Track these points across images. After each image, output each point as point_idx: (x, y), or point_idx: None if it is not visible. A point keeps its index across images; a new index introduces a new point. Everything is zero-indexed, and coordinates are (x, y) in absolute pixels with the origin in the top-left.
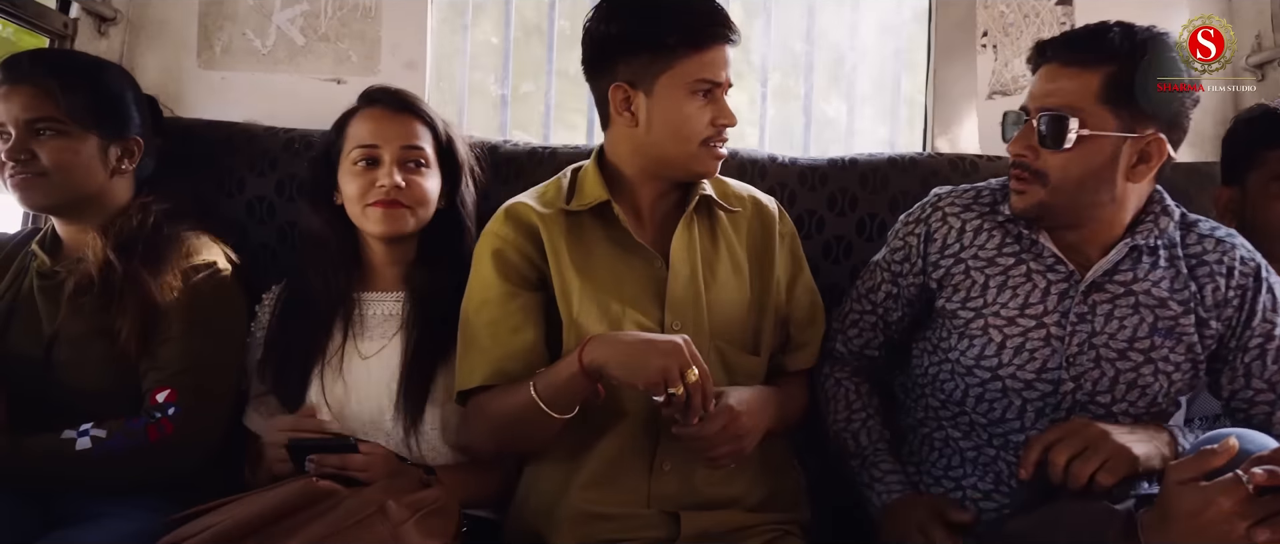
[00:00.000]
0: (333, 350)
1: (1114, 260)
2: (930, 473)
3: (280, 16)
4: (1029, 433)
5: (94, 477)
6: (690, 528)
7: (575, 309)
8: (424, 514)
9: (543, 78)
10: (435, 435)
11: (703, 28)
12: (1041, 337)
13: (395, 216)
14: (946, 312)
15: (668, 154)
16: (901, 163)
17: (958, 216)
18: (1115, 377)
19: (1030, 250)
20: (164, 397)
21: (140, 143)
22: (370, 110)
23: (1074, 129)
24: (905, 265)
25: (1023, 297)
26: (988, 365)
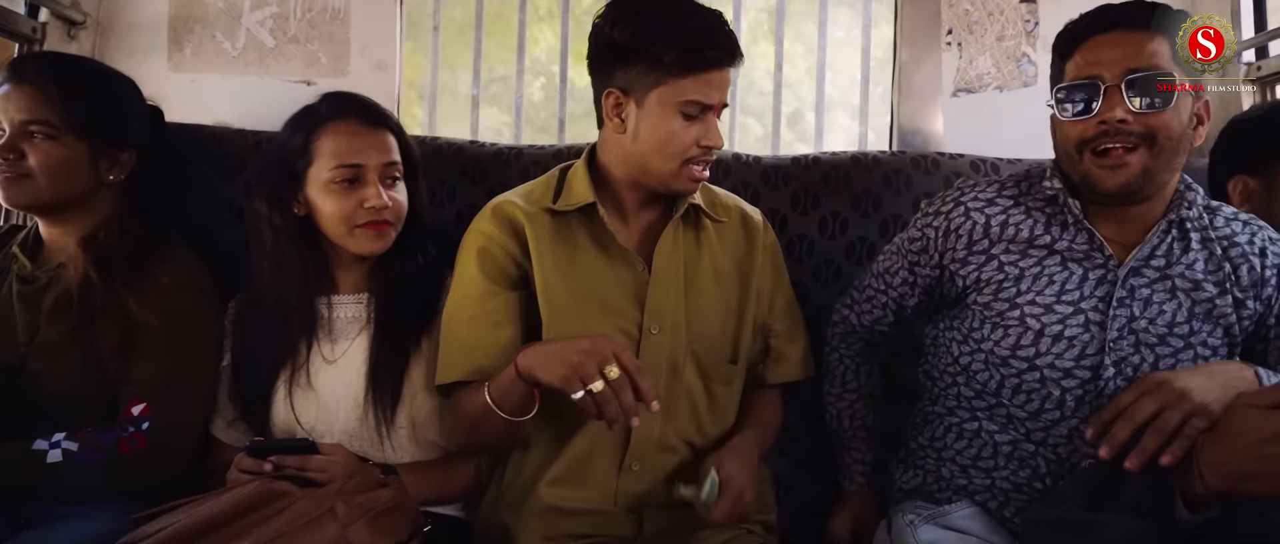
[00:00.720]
0: (299, 363)
1: (1153, 243)
2: (957, 462)
3: (250, 19)
4: (1069, 424)
5: (64, 488)
6: (652, 526)
7: (555, 309)
8: (376, 514)
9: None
10: (405, 434)
11: (701, 51)
12: (1080, 323)
13: (385, 236)
14: (979, 303)
15: (649, 166)
16: (864, 161)
17: (982, 211)
18: (1155, 362)
19: (1064, 236)
20: (139, 410)
21: (133, 155)
22: (344, 124)
23: (1181, 80)
24: (922, 256)
25: (1059, 283)
26: (1025, 355)
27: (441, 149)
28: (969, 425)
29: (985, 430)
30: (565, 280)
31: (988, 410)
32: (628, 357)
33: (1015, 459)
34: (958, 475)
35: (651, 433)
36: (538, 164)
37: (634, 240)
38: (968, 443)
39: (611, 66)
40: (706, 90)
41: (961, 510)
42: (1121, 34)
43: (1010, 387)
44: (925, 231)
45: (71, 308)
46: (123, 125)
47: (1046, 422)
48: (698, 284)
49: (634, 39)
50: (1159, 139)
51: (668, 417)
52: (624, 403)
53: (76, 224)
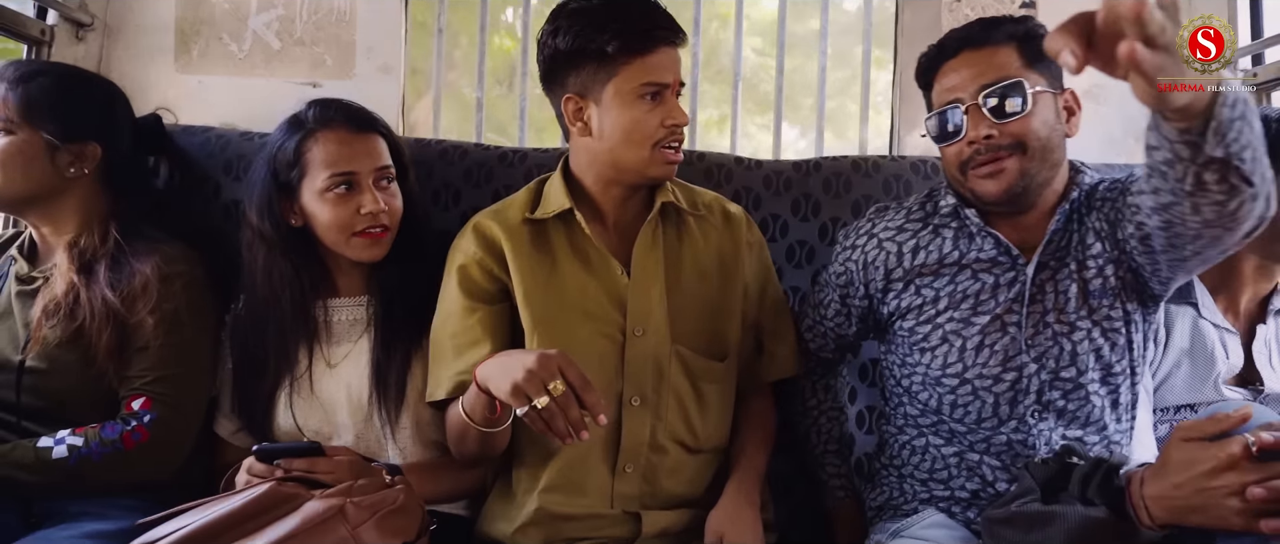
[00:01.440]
0: (300, 372)
1: (1053, 236)
2: (915, 477)
3: (256, 21)
4: (1006, 431)
5: (70, 484)
6: (651, 526)
7: (536, 319)
8: (384, 514)
9: (517, 80)
10: (409, 434)
11: (642, 32)
12: (998, 328)
13: (381, 243)
14: (904, 329)
15: (622, 160)
16: (865, 167)
17: (893, 239)
18: (1074, 350)
19: (970, 249)
20: (139, 404)
21: (97, 149)
22: (333, 132)
23: (1030, 89)
24: (849, 288)
25: (974, 297)
26: (954, 371)
27: (446, 152)
28: (918, 442)
29: (933, 445)
30: (545, 290)
31: (933, 427)
32: (574, 371)
33: (964, 469)
34: (919, 489)
35: (642, 434)
36: (541, 167)
37: (613, 244)
38: (920, 458)
39: (563, 74)
40: (657, 71)
41: (926, 519)
42: (968, 54)
43: (947, 403)
44: (847, 266)
45: (60, 313)
46: (81, 119)
47: (985, 431)
48: (681, 283)
49: (577, 41)
50: (1028, 143)
51: (657, 417)
52: (570, 418)
53: (60, 224)
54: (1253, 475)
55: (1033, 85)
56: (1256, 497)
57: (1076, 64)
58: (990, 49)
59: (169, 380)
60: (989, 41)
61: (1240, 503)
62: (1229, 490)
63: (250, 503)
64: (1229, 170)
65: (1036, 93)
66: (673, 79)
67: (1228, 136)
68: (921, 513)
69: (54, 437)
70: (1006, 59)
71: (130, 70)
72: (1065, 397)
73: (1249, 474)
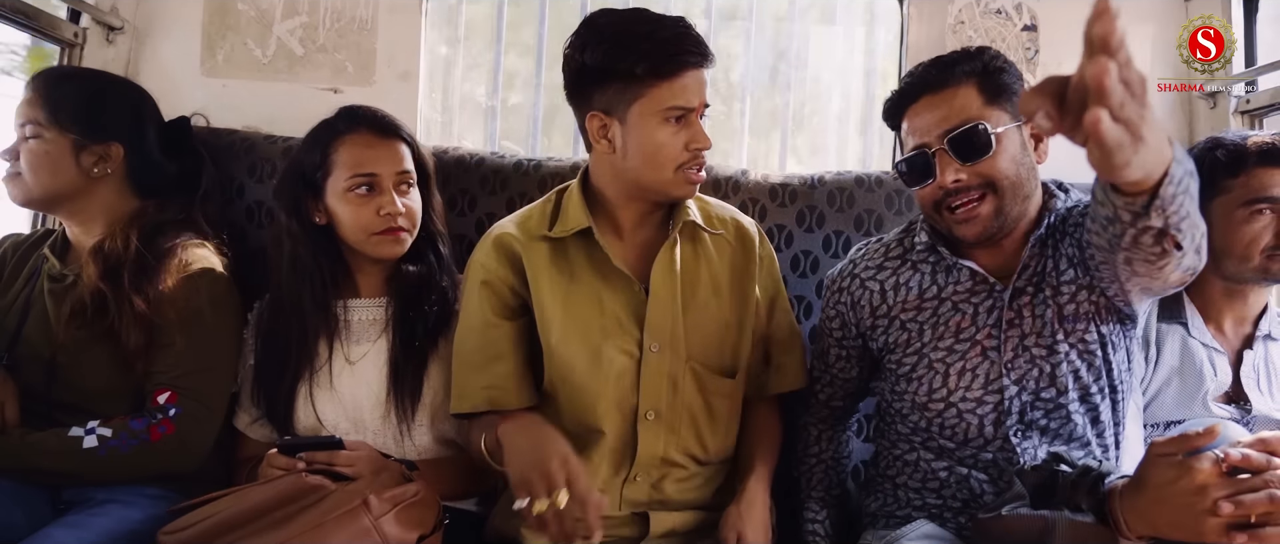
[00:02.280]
0: (320, 365)
1: (1026, 261)
2: (909, 486)
3: (280, 27)
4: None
5: (99, 473)
6: (659, 527)
7: (555, 337)
8: (404, 507)
9: (532, 90)
10: (424, 431)
11: (670, 56)
12: (979, 354)
13: (401, 242)
14: (892, 362)
15: (644, 180)
16: (868, 182)
17: (874, 279)
18: (1053, 372)
19: (948, 282)
20: (165, 398)
21: (119, 149)
22: (359, 136)
23: (990, 130)
24: (842, 331)
25: (954, 326)
26: (939, 397)
27: (462, 160)
28: (909, 457)
29: (923, 459)
30: (564, 306)
31: (924, 444)
32: (581, 483)
33: (954, 481)
34: (912, 496)
35: (656, 448)
36: (556, 175)
37: (631, 260)
38: (912, 471)
39: (589, 91)
40: (683, 94)
41: (918, 529)
42: (928, 99)
43: (935, 425)
44: (838, 309)
45: (85, 313)
46: (103, 119)
47: (973, 449)
48: (696, 299)
49: (605, 59)
50: (998, 183)
51: (670, 432)
52: (564, 530)
53: (89, 223)
54: (1223, 491)
55: (996, 124)
56: (1227, 513)
57: (1051, 127)
58: (949, 92)
59: (194, 376)
60: (947, 84)
61: (1212, 518)
62: (1201, 505)
63: (278, 493)
64: (1165, 237)
65: (999, 132)
66: (698, 102)
67: (1168, 210)
68: (914, 523)
69: (84, 428)
70: (966, 100)
71: (157, 73)
72: (1047, 416)
73: (1219, 490)
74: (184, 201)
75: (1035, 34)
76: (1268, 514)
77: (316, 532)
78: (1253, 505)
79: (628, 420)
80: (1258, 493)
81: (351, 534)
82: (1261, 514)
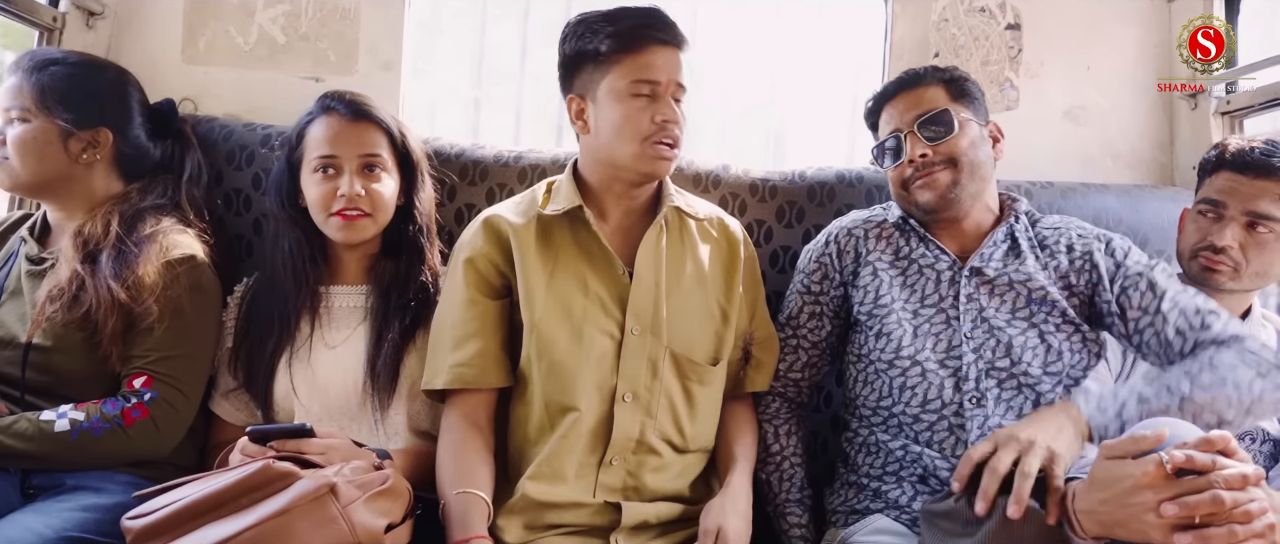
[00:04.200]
0: (300, 342)
1: (989, 248)
2: (868, 474)
3: (263, 15)
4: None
5: (71, 456)
6: (630, 518)
7: (537, 315)
8: (373, 495)
9: (516, 81)
10: (400, 421)
11: (634, 32)
12: (942, 320)
13: (356, 226)
14: (862, 314)
15: (615, 156)
16: (848, 178)
17: (859, 228)
18: (1009, 342)
19: (918, 247)
20: (140, 382)
21: (107, 134)
22: (327, 118)
23: (957, 114)
24: (825, 283)
25: (921, 290)
26: (907, 354)
27: (442, 151)
28: (869, 439)
29: (880, 440)
30: (548, 285)
31: (882, 423)
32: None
33: (908, 460)
34: (870, 486)
35: (632, 430)
36: (536, 168)
37: (616, 244)
38: (870, 455)
39: (570, 77)
40: (649, 69)
41: (872, 523)
42: (904, 95)
43: (897, 386)
44: (822, 262)
45: (63, 299)
46: (93, 106)
47: (929, 417)
48: (681, 286)
49: (578, 44)
50: (958, 158)
51: (648, 415)
52: None
53: (72, 208)
54: (1167, 492)
55: (958, 114)
56: (1170, 514)
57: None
58: (922, 89)
59: (170, 361)
60: (920, 83)
61: (1157, 518)
62: (1147, 507)
63: (244, 479)
64: None
65: (962, 119)
66: (666, 78)
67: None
68: (870, 517)
69: (57, 411)
70: (936, 95)
71: (138, 60)
72: (999, 385)
73: (1164, 491)
74: (168, 185)
75: (1018, 32)
76: (1211, 515)
77: (282, 518)
78: (1196, 506)
79: (606, 402)
80: (1201, 494)
81: (317, 521)
82: (1205, 515)
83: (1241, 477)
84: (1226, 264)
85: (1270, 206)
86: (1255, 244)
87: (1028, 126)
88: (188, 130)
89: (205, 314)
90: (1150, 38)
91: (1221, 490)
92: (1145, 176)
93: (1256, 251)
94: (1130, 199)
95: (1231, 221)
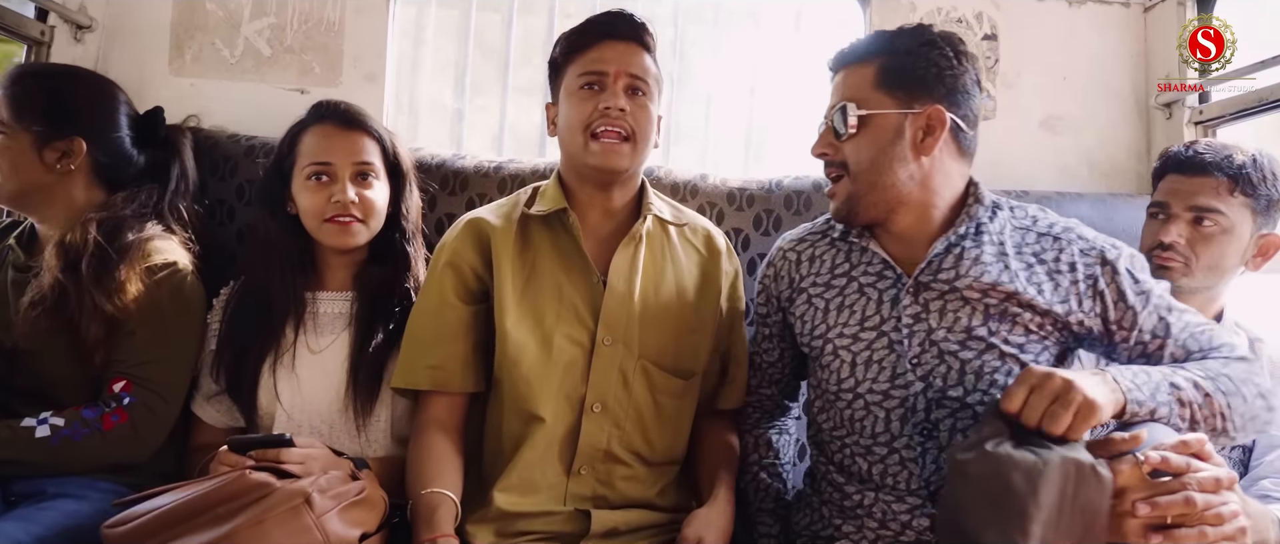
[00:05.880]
0: (284, 348)
1: (937, 256)
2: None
3: (248, 28)
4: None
5: (51, 462)
6: (599, 525)
7: (509, 322)
8: (347, 505)
9: (498, 93)
10: (382, 428)
11: (584, 31)
12: (884, 345)
13: (350, 231)
14: (804, 344)
15: (568, 151)
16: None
17: (794, 250)
18: (961, 369)
19: (860, 262)
20: (120, 387)
21: (80, 143)
22: (321, 126)
23: (853, 112)
24: (766, 308)
25: (860, 312)
26: (848, 387)
27: (424, 161)
28: (829, 475)
29: (836, 482)
30: (522, 292)
31: (839, 464)
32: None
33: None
34: (832, 519)
35: (599, 440)
36: (516, 178)
37: (596, 252)
38: (831, 490)
39: (550, 89)
40: (597, 62)
41: None
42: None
43: (845, 420)
44: (764, 284)
45: (44, 304)
46: (65, 115)
47: (881, 452)
48: (659, 298)
49: (551, 56)
50: (851, 166)
51: (616, 426)
52: None
53: (54, 217)
54: (1141, 493)
55: (863, 107)
56: (1143, 514)
57: None
58: (852, 68)
59: (150, 366)
60: (852, 61)
61: (1131, 519)
62: (1120, 507)
63: (219, 489)
64: None
65: (863, 115)
66: (614, 69)
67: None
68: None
69: (37, 417)
70: (859, 79)
71: (126, 72)
72: (953, 416)
73: (1137, 492)
74: (153, 193)
75: (995, 43)
76: (1183, 516)
77: (256, 528)
78: (1168, 507)
79: (574, 411)
80: (1175, 495)
81: (292, 531)
82: (1177, 516)
83: (1215, 480)
84: (1176, 260)
85: (1210, 200)
86: (1202, 238)
87: (1004, 136)
88: (178, 139)
89: (186, 320)
90: (1126, 47)
91: (1194, 492)
92: (1121, 185)
93: (1204, 246)
94: (1105, 208)
95: (1176, 219)
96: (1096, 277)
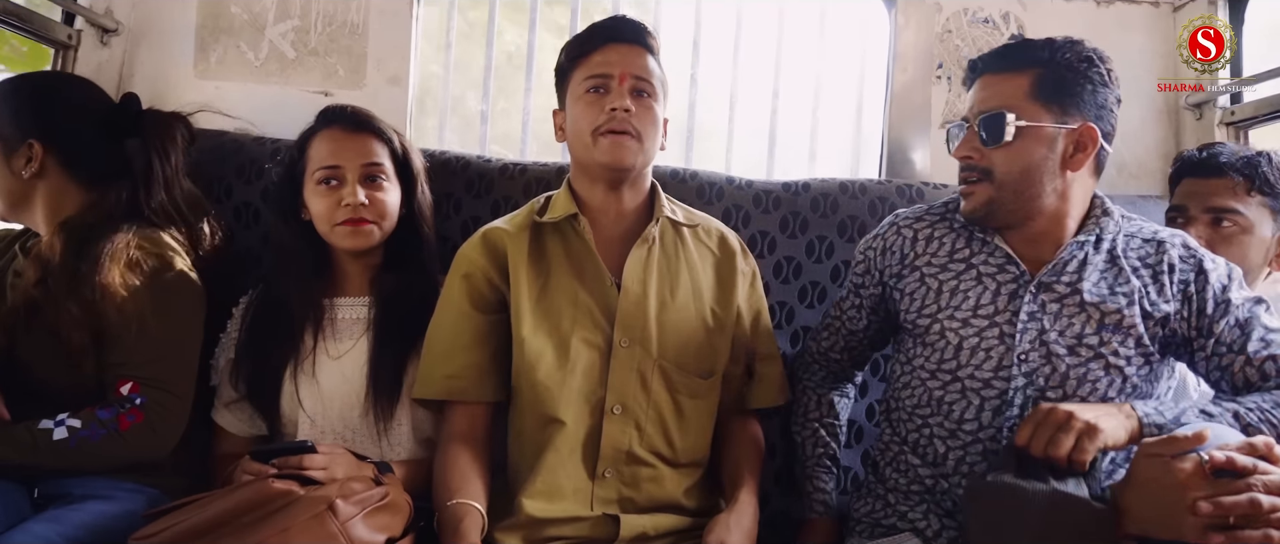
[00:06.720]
0: (304, 354)
1: (1063, 260)
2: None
3: (273, 31)
4: (984, 440)
5: (71, 464)
6: (629, 530)
7: (526, 329)
8: (372, 510)
9: (521, 95)
10: (404, 431)
11: (587, 36)
12: (996, 335)
13: (362, 233)
14: (907, 322)
15: (578, 155)
16: (852, 188)
17: (911, 228)
18: (1066, 372)
19: (982, 252)
20: (128, 389)
21: (38, 145)
22: (329, 131)
23: (1011, 122)
24: (866, 278)
25: (975, 298)
26: (948, 369)
27: (449, 163)
28: (900, 457)
29: (910, 463)
30: (538, 298)
31: (913, 444)
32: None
33: (937, 493)
34: (900, 502)
35: (621, 442)
36: (541, 180)
37: (609, 255)
38: (899, 473)
39: (558, 97)
40: (601, 66)
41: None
42: (986, 78)
43: (935, 398)
44: (867, 255)
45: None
46: (15, 122)
47: (964, 438)
48: (674, 299)
49: (557, 64)
50: (996, 173)
51: (637, 428)
52: None
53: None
54: (1202, 491)
55: (1022, 118)
56: (1204, 512)
57: None
58: (1005, 75)
59: (153, 364)
60: (1006, 68)
61: (1191, 517)
62: (1181, 504)
63: (244, 500)
64: None
65: (1021, 126)
66: (619, 71)
67: None
68: (900, 535)
69: (54, 419)
70: (1014, 88)
71: (151, 75)
72: None
73: (1199, 490)
74: (123, 191)
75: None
76: (1247, 517)
77: (282, 536)
78: (1232, 507)
79: (594, 413)
80: (1238, 496)
81: (317, 538)
82: (1240, 516)
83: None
84: None
85: (1227, 200)
86: (1222, 240)
87: None
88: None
89: (179, 313)
90: (1155, 47)
91: (1260, 493)
92: (1151, 187)
93: (1224, 247)
94: (1136, 210)
95: (1195, 222)
96: (1190, 281)
